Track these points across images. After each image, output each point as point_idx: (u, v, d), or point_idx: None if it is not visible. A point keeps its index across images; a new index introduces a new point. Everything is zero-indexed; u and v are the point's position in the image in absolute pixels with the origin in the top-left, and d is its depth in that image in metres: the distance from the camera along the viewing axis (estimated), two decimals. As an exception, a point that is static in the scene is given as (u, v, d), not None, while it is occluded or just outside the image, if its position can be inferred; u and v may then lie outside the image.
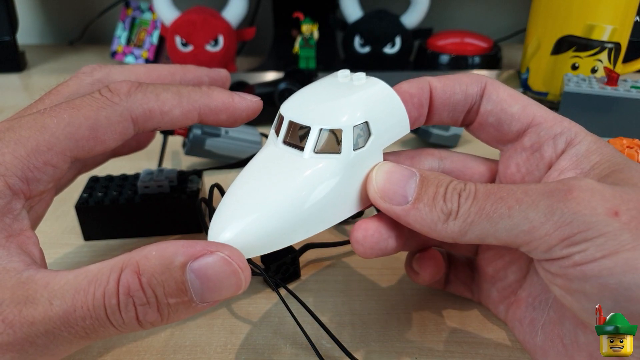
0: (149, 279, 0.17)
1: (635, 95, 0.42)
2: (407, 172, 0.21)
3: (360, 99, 0.21)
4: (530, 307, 0.23)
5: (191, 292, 0.17)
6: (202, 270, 0.17)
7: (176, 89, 0.23)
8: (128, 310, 0.17)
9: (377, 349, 0.25)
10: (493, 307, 0.25)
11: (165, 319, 0.17)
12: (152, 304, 0.17)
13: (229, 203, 0.20)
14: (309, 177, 0.20)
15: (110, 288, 0.17)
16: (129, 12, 0.73)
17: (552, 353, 0.21)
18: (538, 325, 0.22)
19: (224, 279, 0.17)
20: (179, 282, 0.17)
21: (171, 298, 0.17)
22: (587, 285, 0.17)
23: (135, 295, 0.17)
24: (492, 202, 0.18)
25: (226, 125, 0.25)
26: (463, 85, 0.22)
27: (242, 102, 0.24)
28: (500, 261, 0.24)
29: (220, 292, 0.18)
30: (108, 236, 0.33)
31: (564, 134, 0.21)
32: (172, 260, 0.17)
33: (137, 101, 0.22)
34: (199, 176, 0.35)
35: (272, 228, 0.19)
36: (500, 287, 0.24)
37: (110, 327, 0.17)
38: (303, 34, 0.62)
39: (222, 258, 0.17)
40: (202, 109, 0.23)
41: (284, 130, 0.22)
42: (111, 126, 0.21)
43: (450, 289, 0.27)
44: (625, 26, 0.51)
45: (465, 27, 0.77)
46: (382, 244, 0.21)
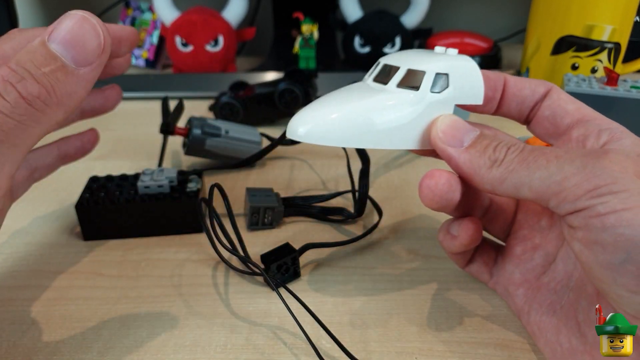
0: (17, 61, 0.18)
1: (635, 95, 0.42)
2: (470, 126, 0.23)
3: (448, 60, 0.24)
4: (551, 291, 0.24)
5: (61, 58, 0.19)
6: (59, 34, 0.19)
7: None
8: (9, 92, 0.18)
9: (377, 349, 0.25)
10: (513, 290, 0.25)
11: (51, 90, 0.19)
12: (27, 77, 0.18)
13: (313, 104, 0.24)
14: (385, 99, 0.23)
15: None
16: (129, 12, 0.73)
17: (565, 330, 0.22)
18: (557, 307, 0.23)
19: (80, 32, 0.19)
20: (44, 53, 0.19)
21: (44, 67, 0.18)
22: (605, 234, 0.17)
23: (9, 77, 0.18)
24: (534, 155, 0.20)
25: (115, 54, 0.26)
26: (532, 84, 0.25)
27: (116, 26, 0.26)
28: (530, 243, 0.25)
29: (85, 46, 0.19)
30: (108, 236, 0.33)
31: (610, 129, 0.22)
32: (32, 44, 0.19)
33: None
34: (199, 176, 0.35)
35: (343, 126, 0.22)
36: (524, 270, 0.25)
37: (5, 118, 0.18)
38: (303, 34, 0.62)
39: (69, 16, 0.19)
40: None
41: (376, 71, 0.25)
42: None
43: (470, 268, 0.28)
44: (625, 26, 0.51)
45: (465, 27, 0.77)
46: (449, 195, 0.22)
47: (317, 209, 0.36)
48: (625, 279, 0.17)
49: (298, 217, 0.36)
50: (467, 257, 0.27)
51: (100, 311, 0.27)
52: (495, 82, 0.25)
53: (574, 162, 0.19)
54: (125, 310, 0.27)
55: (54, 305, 0.28)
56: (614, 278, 0.18)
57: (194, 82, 0.61)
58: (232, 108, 0.49)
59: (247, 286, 0.29)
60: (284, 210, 0.35)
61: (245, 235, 0.32)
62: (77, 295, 0.28)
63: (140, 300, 0.28)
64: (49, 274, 0.30)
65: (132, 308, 0.27)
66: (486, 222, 0.27)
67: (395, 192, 0.39)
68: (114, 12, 0.79)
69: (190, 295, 0.28)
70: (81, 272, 0.30)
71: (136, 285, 0.29)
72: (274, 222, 0.34)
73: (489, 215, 0.27)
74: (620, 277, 0.17)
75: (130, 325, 0.26)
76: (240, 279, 0.30)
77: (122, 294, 0.29)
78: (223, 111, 0.49)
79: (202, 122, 0.42)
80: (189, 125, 0.42)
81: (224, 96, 0.49)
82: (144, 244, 0.33)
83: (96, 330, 0.26)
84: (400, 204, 0.37)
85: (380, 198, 0.37)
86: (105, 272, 0.30)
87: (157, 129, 0.41)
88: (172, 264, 0.31)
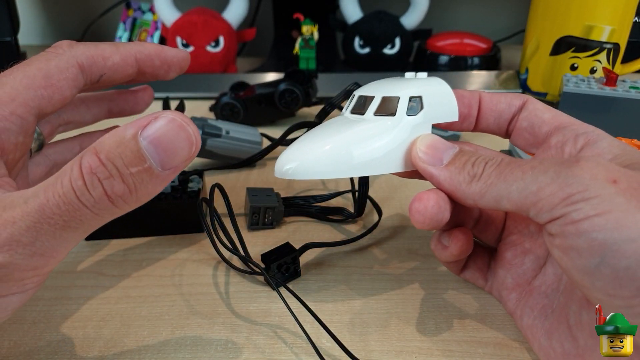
0: (107, 154, 0.18)
1: (634, 95, 0.42)
2: (448, 144, 0.24)
3: (419, 83, 0.25)
4: (543, 294, 0.24)
5: (149, 159, 0.18)
6: (153, 134, 0.18)
7: (112, 43, 0.27)
8: (95, 186, 0.18)
9: (377, 348, 0.25)
10: (506, 294, 0.26)
11: (133, 191, 0.18)
12: (115, 175, 0.18)
13: (296, 143, 0.24)
14: (365, 129, 0.24)
15: (75, 174, 0.18)
16: (130, 13, 0.73)
17: (557, 334, 0.22)
18: (549, 311, 0.23)
19: (174, 138, 0.18)
20: (135, 150, 0.18)
21: (132, 167, 0.18)
22: (579, 240, 0.18)
23: (97, 171, 0.18)
24: (511, 168, 0.21)
25: (161, 74, 0.28)
26: (508, 97, 0.26)
27: (171, 49, 0.28)
28: (520, 247, 0.26)
29: (175, 153, 0.19)
30: (108, 236, 0.33)
31: (587, 133, 0.23)
32: (123, 134, 0.18)
33: (80, 50, 0.25)
34: (200, 176, 0.35)
35: (328, 160, 0.23)
36: (515, 274, 0.25)
37: (84, 209, 0.18)
38: (303, 35, 0.62)
39: (167, 118, 0.18)
40: (137, 54, 0.27)
41: (352, 104, 0.26)
42: (62, 73, 0.24)
43: (465, 275, 0.28)
44: (624, 27, 0.51)
45: (464, 28, 0.77)
46: (439, 216, 0.23)
47: (317, 208, 0.36)
48: (602, 283, 0.18)
49: (298, 217, 0.36)
50: (461, 265, 0.28)
51: (102, 310, 0.27)
52: (470, 100, 0.26)
53: (548, 172, 0.19)
54: (126, 309, 0.27)
55: (55, 304, 0.28)
56: (592, 282, 0.18)
57: (195, 82, 0.62)
58: (233, 108, 0.49)
59: (247, 285, 0.29)
60: (284, 210, 0.35)
61: (245, 235, 0.32)
62: (78, 294, 0.29)
63: (141, 300, 0.28)
64: (50, 273, 0.30)
65: (133, 307, 0.28)
66: (477, 232, 0.28)
67: (395, 192, 0.39)
68: (115, 12, 0.79)
69: (191, 295, 0.28)
70: (82, 272, 0.31)
71: (137, 285, 0.29)
72: (275, 221, 0.34)
73: (479, 226, 0.27)
74: (598, 281, 0.18)
75: (131, 325, 0.26)
76: (240, 279, 0.30)
77: (123, 293, 0.29)
78: (223, 111, 0.49)
79: (203, 122, 0.42)
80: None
81: (225, 97, 0.49)
82: (145, 243, 0.33)
83: (97, 330, 0.26)
84: (399, 204, 0.37)
85: (380, 198, 0.37)
86: (107, 271, 0.30)
87: (158, 129, 0.41)
88: (172, 263, 0.31)
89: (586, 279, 0.18)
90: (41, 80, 0.23)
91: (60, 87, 0.24)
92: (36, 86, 0.23)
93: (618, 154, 0.21)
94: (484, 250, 0.28)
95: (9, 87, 0.22)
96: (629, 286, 0.17)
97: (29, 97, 0.23)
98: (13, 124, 0.22)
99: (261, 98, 0.50)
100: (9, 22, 0.68)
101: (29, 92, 0.23)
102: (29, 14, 0.84)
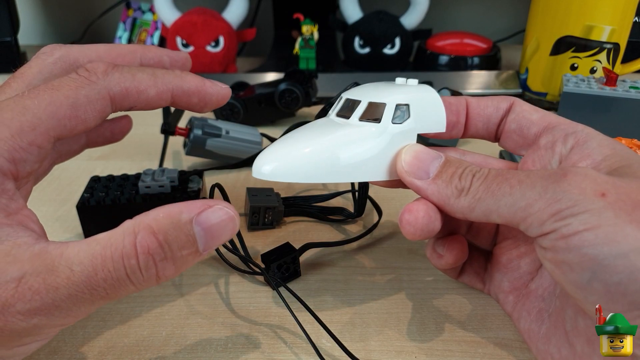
0: (165, 236, 0.18)
1: (633, 95, 0.42)
2: (433, 154, 0.23)
3: (408, 91, 0.24)
4: (539, 298, 0.24)
5: (198, 244, 0.19)
6: (206, 222, 0.19)
7: (151, 71, 0.24)
8: (149, 267, 0.18)
9: (377, 348, 0.25)
10: (503, 297, 0.26)
11: (178, 270, 0.19)
12: (169, 259, 0.19)
13: (276, 143, 0.24)
14: (348, 133, 0.23)
15: (128, 250, 0.18)
16: (130, 13, 0.73)
17: (554, 340, 0.22)
18: (545, 315, 0.23)
19: (223, 228, 0.20)
20: (189, 235, 0.19)
21: (184, 250, 0.19)
22: (570, 255, 0.18)
23: (155, 253, 0.18)
24: (498, 182, 0.20)
25: (196, 109, 0.26)
26: (495, 101, 0.25)
27: (213, 87, 0.26)
28: (515, 251, 0.25)
29: (220, 240, 0.20)
30: (109, 236, 0.33)
31: (576, 133, 0.23)
32: (179, 217, 0.19)
33: (115, 80, 0.22)
34: (200, 176, 0.35)
35: (307, 163, 0.23)
36: (511, 278, 0.25)
37: (129, 285, 0.18)
38: (303, 34, 0.62)
39: (220, 209, 0.20)
40: (175, 90, 0.24)
41: (339, 106, 0.25)
42: (90, 104, 0.22)
43: (463, 279, 0.28)
44: (624, 27, 0.51)
45: (464, 28, 0.77)
46: (430, 226, 0.22)
47: (317, 208, 0.36)
48: (595, 297, 0.18)
49: (298, 217, 0.36)
50: (458, 270, 0.28)
51: (102, 310, 0.27)
52: (457, 107, 0.25)
53: (535, 188, 0.19)
54: (127, 309, 0.27)
55: (56, 304, 0.28)
56: (585, 297, 0.18)
57: (195, 82, 0.62)
58: (233, 108, 0.49)
59: (247, 285, 0.29)
60: (284, 210, 0.35)
61: (245, 235, 0.32)
62: (79, 294, 0.29)
63: (142, 300, 0.28)
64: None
65: (133, 307, 0.28)
66: (471, 236, 0.27)
67: (395, 192, 0.39)
68: (115, 12, 0.79)
69: (191, 295, 0.28)
70: (82, 272, 0.30)
71: (137, 285, 0.29)
72: (275, 221, 0.34)
73: (472, 231, 0.27)
74: (590, 296, 0.18)
75: (132, 325, 0.26)
76: (240, 279, 0.30)
77: (123, 293, 0.29)
78: (223, 111, 0.49)
79: (203, 122, 0.42)
80: (189, 126, 0.42)
81: (225, 97, 0.49)
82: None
83: (97, 330, 0.26)
84: (399, 203, 0.37)
85: (380, 198, 0.37)
86: (107, 271, 0.30)
87: (158, 129, 0.41)
88: (172, 263, 0.31)
89: (579, 293, 0.18)
90: (67, 110, 0.21)
91: (86, 119, 0.22)
92: (61, 116, 0.21)
93: (608, 154, 0.21)
94: (480, 254, 0.28)
95: (31, 115, 0.20)
96: (621, 301, 0.17)
97: (51, 127, 0.21)
98: (30, 154, 0.20)
99: (261, 98, 0.50)
100: (9, 22, 0.68)
101: (51, 121, 0.21)
102: (29, 14, 0.84)
